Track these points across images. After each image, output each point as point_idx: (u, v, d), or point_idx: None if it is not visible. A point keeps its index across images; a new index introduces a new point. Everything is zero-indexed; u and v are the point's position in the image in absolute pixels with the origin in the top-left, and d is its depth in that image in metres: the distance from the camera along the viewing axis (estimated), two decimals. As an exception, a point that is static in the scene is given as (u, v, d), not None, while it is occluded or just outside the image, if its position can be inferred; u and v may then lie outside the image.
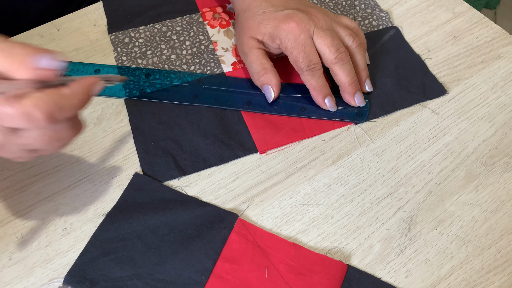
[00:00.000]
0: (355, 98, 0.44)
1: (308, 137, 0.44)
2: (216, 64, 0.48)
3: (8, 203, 0.39)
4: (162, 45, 0.49)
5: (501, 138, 0.44)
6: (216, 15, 0.52)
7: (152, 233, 0.38)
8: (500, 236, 0.39)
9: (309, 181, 0.41)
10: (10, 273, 0.36)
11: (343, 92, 0.44)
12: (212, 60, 0.49)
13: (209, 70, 0.48)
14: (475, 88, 0.47)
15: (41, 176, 0.41)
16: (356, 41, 0.44)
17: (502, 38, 0.51)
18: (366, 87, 0.45)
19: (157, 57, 0.48)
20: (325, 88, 0.44)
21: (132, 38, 0.50)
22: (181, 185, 0.41)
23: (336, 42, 0.42)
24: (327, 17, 0.44)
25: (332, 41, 0.42)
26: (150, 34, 0.50)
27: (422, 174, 0.42)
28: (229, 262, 0.37)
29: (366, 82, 0.45)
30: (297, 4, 0.45)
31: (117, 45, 0.49)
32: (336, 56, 0.42)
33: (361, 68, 0.45)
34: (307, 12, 0.43)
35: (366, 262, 0.37)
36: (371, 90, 0.45)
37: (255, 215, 0.39)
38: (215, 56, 0.49)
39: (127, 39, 0.50)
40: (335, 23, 0.44)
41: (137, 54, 0.49)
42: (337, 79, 0.43)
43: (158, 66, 0.48)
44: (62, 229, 0.38)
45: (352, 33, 0.44)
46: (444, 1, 0.54)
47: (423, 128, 0.44)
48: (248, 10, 0.46)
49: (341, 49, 0.42)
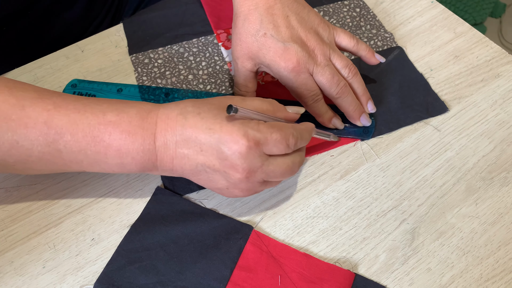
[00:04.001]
0: (360, 120, 0.47)
1: (318, 152, 0.47)
2: (230, 84, 0.51)
3: (41, 215, 0.42)
4: (179, 65, 0.53)
5: (500, 153, 0.47)
6: (229, 37, 0.55)
7: (174, 243, 0.41)
8: (498, 247, 0.41)
9: (319, 194, 0.44)
10: (44, 280, 0.39)
11: (349, 118, 0.47)
12: (227, 80, 0.52)
13: (224, 90, 0.51)
14: (475, 106, 0.50)
15: (70, 190, 0.44)
16: (352, 71, 0.46)
17: (501, 58, 0.54)
18: (368, 109, 0.47)
19: (175, 77, 0.52)
20: (329, 112, 0.47)
21: (152, 59, 0.53)
22: (200, 198, 0.44)
23: (336, 78, 0.44)
24: (324, 46, 0.45)
25: (332, 78, 0.44)
26: (168, 55, 0.54)
27: (425, 188, 0.44)
28: (245, 270, 0.40)
29: (368, 104, 0.47)
30: (300, 24, 0.44)
31: (138, 65, 0.53)
32: (337, 92, 0.44)
33: (360, 94, 0.47)
34: (305, 44, 0.44)
35: (372, 271, 0.40)
36: (374, 110, 0.48)
37: (269, 226, 0.42)
38: (229, 76, 0.52)
39: (146, 60, 0.53)
40: (332, 51, 0.45)
41: (156, 74, 0.52)
42: (342, 109, 0.46)
43: (176, 85, 0.51)
44: (91, 239, 0.41)
45: (347, 63, 0.46)
46: (446, 22, 0.57)
47: (426, 145, 0.47)
48: (247, 20, 0.44)
49: (341, 83, 0.44)
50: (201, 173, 0.38)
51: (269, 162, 0.37)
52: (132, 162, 0.37)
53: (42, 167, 0.38)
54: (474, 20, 1.50)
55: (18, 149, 0.35)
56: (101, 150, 0.36)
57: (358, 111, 0.46)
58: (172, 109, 0.38)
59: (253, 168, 0.37)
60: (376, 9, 0.59)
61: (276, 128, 0.37)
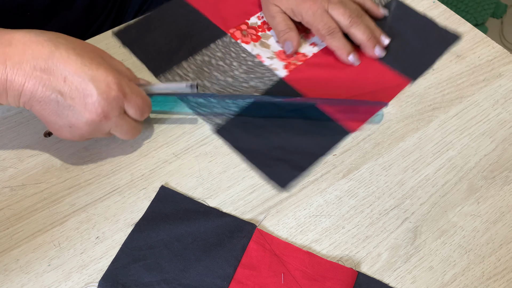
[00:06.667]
0: (375, 50, 0.53)
1: None
2: (271, 73, 0.52)
3: (46, 214, 0.43)
4: (214, 72, 0.52)
5: (502, 153, 0.47)
6: (244, 32, 0.56)
7: (178, 241, 0.41)
8: (500, 245, 0.42)
9: (322, 193, 0.45)
10: (49, 277, 0.40)
11: (364, 48, 0.53)
12: (266, 71, 0.53)
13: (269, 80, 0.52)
14: (477, 105, 0.50)
15: (74, 188, 0.44)
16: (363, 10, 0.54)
17: (503, 57, 0.54)
18: (383, 41, 0.54)
19: (216, 84, 0.51)
20: (347, 46, 0.52)
21: (182, 75, 0.52)
22: (203, 197, 0.44)
23: (348, 10, 0.51)
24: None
25: (345, 10, 0.51)
26: (195, 66, 0.53)
27: (427, 187, 0.45)
28: (249, 268, 0.40)
29: (381, 37, 0.54)
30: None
31: None
32: (350, 21, 0.51)
33: (372, 28, 0.53)
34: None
35: (374, 269, 0.40)
36: (388, 40, 0.54)
37: (272, 225, 0.43)
38: (265, 67, 0.53)
39: (177, 77, 0.52)
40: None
41: None
42: (356, 39, 0.52)
43: (222, 92, 0.51)
44: (95, 238, 0.42)
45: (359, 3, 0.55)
46: (448, 22, 0.57)
47: (428, 144, 0.48)
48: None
49: (353, 14, 0.52)
50: (51, 103, 0.38)
51: (123, 116, 0.41)
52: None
53: None
54: (475, 21, 1.50)
55: None
56: None
57: (372, 40, 0.52)
58: (37, 35, 0.38)
59: (110, 114, 0.40)
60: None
61: (142, 95, 0.42)
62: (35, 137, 0.48)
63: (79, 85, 0.38)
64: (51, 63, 0.37)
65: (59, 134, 0.42)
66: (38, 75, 0.37)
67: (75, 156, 0.46)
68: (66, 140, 0.47)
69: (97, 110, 0.39)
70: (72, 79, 0.38)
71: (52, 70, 0.37)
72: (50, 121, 0.40)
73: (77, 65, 0.38)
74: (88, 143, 0.47)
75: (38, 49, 0.37)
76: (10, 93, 0.38)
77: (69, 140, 0.46)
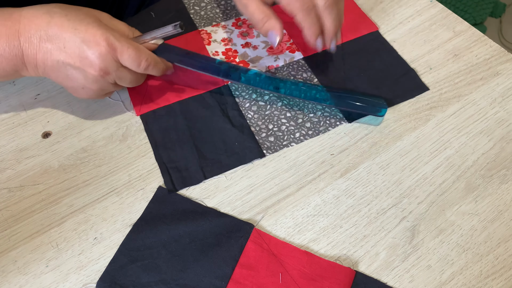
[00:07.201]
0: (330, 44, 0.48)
1: None
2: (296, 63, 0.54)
3: (43, 215, 0.43)
4: None
5: (499, 151, 0.47)
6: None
7: (175, 242, 0.41)
8: (498, 243, 0.42)
9: (319, 193, 0.45)
10: (47, 278, 0.40)
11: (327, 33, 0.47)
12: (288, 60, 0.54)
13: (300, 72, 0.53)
14: (475, 104, 0.50)
15: (72, 189, 0.44)
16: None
17: (500, 56, 0.54)
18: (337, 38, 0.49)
19: None
20: (318, 28, 0.47)
21: None
22: (201, 197, 0.44)
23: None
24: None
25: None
26: None
27: (425, 186, 0.45)
28: (247, 268, 0.40)
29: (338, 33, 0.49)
30: None
31: None
32: (325, 2, 0.45)
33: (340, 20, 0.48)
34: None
35: (372, 268, 0.40)
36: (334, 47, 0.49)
37: (270, 225, 0.43)
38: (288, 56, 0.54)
39: None
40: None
41: None
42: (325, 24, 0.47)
43: None
44: (93, 239, 0.42)
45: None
46: (445, 21, 0.57)
47: (426, 143, 0.48)
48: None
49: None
50: (61, 70, 0.42)
51: (122, 69, 0.44)
52: (2, 60, 0.42)
53: None
54: (474, 20, 1.50)
55: None
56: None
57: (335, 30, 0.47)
58: (37, 9, 0.42)
59: (108, 69, 0.42)
60: (375, 8, 0.59)
61: (134, 46, 0.43)
62: (33, 138, 0.48)
63: (75, 48, 0.41)
64: (51, 32, 0.41)
65: (79, 95, 0.46)
66: (44, 45, 0.41)
67: (73, 157, 0.46)
68: (64, 141, 0.47)
69: (95, 68, 0.42)
70: (69, 45, 0.41)
71: (53, 39, 0.41)
72: (67, 86, 0.44)
73: (69, 30, 0.41)
74: (85, 143, 0.47)
75: (39, 21, 0.41)
76: (29, 66, 0.43)
77: (66, 141, 0.47)
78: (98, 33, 0.41)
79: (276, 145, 0.47)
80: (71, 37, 0.41)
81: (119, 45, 0.42)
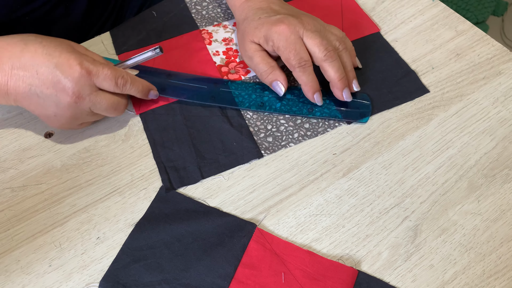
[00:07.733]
0: (343, 93, 0.48)
1: None
2: None
3: (46, 214, 0.43)
4: None
5: (502, 151, 0.47)
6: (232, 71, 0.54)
7: (178, 241, 0.41)
8: (501, 243, 0.42)
9: (322, 192, 0.45)
10: (50, 278, 0.40)
11: (333, 87, 0.48)
12: None
13: None
14: (477, 104, 0.50)
15: (75, 189, 0.45)
16: (343, 44, 0.48)
17: (502, 55, 0.54)
18: (353, 87, 0.49)
19: None
20: (315, 84, 0.47)
21: None
22: (203, 196, 0.44)
23: (325, 42, 0.46)
24: (316, 22, 0.48)
25: (321, 41, 0.46)
26: None
27: (427, 186, 0.45)
28: (249, 268, 0.40)
29: (353, 82, 0.49)
30: (289, 12, 0.49)
31: None
32: (325, 54, 0.46)
33: (348, 69, 0.48)
34: (298, 17, 0.47)
35: (375, 268, 0.40)
36: (358, 89, 0.49)
37: (272, 224, 0.43)
38: None
39: None
40: (324, 29, 0.48)
41: None
42: (327, 75, 0.47)
43: None
44: (96, 238, 0.42)
45: (341, 36, 0.49)
46: (447, 20, 0.57)
47: (428, 142, 0.47)
48: (247, 18, 0.50)
49: (330, 47, 0.46)
50: (33, 97, 0.42)
51: (98, 93, 0.43)
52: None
53: None
54: (476, 19, 1.50)
55: None
56: None
57: (343, 81, 0.47)
58: (12, 37, 0.42)
59: (82, 94, 0.42)
60: (377, 8, 0.59)
61: (109, 66, 0.43)
62: (35, 138, 0.48)
63: (48, 74, 0.41)
64: (24, 60, 0.41)
65: (52, 124, 0.44)
66: (16, 73, 0.41)
67: (76, 157, 0.46)
68: (66, 141, 0.47)
69: (68, 93, 0.41)
70: (42, 70, 0.41)
71: (26, 66, 0.41)
72: (40, 114, 0.43)
73: (43, 56, 0.41)
74: (88, 143, 0.47)
75: (12, 49, 0.41)
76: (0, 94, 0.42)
77: (69, 141, 0.47)
78: (72, 57, 0.41)
79: (275, 145, 0.47)
80: (44, 63, 0.41)
81: (94, 68, 0.42)
